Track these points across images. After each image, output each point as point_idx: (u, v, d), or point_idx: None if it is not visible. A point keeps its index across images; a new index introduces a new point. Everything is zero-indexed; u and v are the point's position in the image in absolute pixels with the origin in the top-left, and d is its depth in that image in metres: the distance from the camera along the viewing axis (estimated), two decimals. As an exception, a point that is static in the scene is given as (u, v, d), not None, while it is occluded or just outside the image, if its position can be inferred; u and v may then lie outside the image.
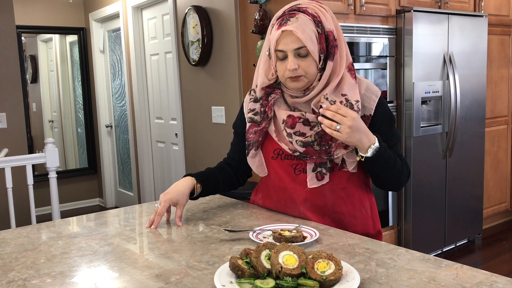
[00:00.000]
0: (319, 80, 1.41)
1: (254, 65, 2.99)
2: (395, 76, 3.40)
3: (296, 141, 1.44)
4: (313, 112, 1.43)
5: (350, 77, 1.42)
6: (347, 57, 1.43)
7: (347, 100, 1.39)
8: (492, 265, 3.51)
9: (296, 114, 1.45)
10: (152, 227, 1.49)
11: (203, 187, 1.60)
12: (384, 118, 1.47)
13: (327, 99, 1.39)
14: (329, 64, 1.40)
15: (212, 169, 1.69)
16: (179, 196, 1.53)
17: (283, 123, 1.46)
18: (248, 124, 1.54)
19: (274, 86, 1.48)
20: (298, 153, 1.46)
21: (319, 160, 1.44)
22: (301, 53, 1.37)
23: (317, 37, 1.37)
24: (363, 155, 1.37)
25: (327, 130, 1.33)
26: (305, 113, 1.44)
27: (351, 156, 1.43)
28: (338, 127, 1.31)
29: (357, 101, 1.41)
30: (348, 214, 1.50)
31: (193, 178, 1.59)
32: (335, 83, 1.40)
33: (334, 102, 1.39)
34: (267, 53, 1.47)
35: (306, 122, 1.44)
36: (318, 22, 1.37)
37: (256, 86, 1.52)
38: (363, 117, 1.44)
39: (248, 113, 1.53)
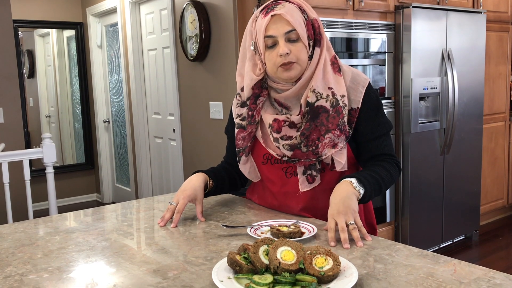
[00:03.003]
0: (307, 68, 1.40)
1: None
2: (393, 72, 3.40)
3: (283, 145, 1.41)
4: (300, 110, 1.40)
5: (333, 72, 1.41)
6: (330, 50, 1.43)
7: (333, 94, 1.38)
8: (489, 261, 3.52)
9: (281, 117, 1.42)
10: (171, 226, 1.44)
11: (215, 183, 1.59)
12: (370, 109, 1.44)
13: (313, 91, 1.37)
14: (317, 51, 1.39)
15: (218, 167, 1.67)
16: (197, 191, 1.51)
17: (269, 127, 1.44)
18: (236, 130, 1.51)
19: (261, 85, 1.43)
20: (286, 158, 1.43)
21: (308, 162, 1.42)
22: (292, 37, 1.35)
23: (305, 23, 1.37)
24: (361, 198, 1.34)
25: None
26: (290, 115, 1.41)
27: (340, 155, 1.41)
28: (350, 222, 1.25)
29: (343, 96, 1.39)
30: None
31: (205, 174, 1.57)
32: (321, 72, 1.38)
33: (321, 95, 1.37)
34: (252, 48, 1.42)
35: (292, 125, 1.41)
36: (303, 11, 1.39)
37: (241, 89, 1.47)
38: (350, 111, 1.42)
39: (236, 118, 1.50)
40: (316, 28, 1.39)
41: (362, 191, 1.32)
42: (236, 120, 1.50)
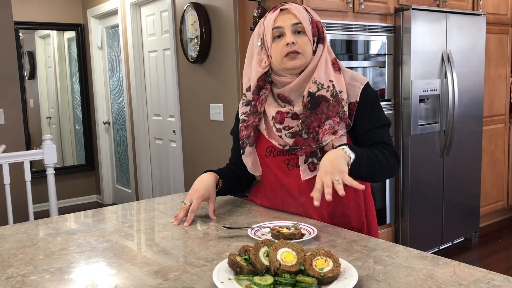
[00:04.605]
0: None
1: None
2: (393, 74, 3.40)
3: (285, 134, 1.46)
4: (302, 101, 1.46)
5: (333, 70, 1.49)
6: (330, 53, 1.52)
7: (333, 86, 1.45)
8: (489, 263, 3.52)
9: (284, 109, 1.48)
10: (185, 224, 1.47)
11: (225, 183, 1.62)
12: (368, 103, 1.49)
13: (315, 82, 1.44)
14: (320, 47, 1.48)
15: (225, 168, 1.71)
16: (210, 191, 1.55)
17: (272, 119, 1.50)
18: (240, 125, 1.57)
19: (265, 79, 1.51)
20: (288, 147, 1.48)
21: (309, 149, 1.46)
22: (298, 29, 1.45)
23: (310, 21, 1.47)
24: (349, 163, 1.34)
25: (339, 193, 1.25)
26: (293, 107, 1.48)
27: (340, 142, 1.44)
28: (334, 183, 1.25)
29: (341, 92, 1.46)
30: (342, 205, 1.51)
31: (215, 173, 1.61)
32: (323, 66, 1.46)
33: (322, 85, 1.44)
34: (259, 43, 1.51)
35: (295, 116, 1.47)
36: (308, 12, 1.49)
37: (246, 90, 1.55)
38: (350, 104, 1.48)
39: (241, 115, 1.57)
40: (320, 28, 1.49)
41: (352, 156, 1.33)
42: (242, 117, 1.57)
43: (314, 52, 1.47)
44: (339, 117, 1.43)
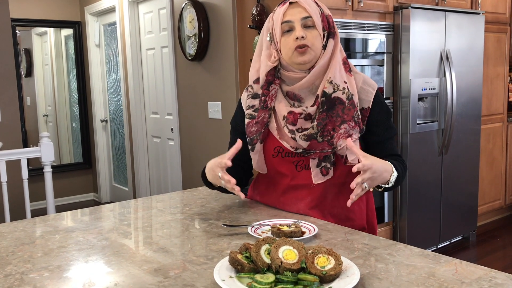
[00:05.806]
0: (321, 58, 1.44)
1: (251, 60, 2.97)
2: (392, 73, 3.40)
3: (299, 136, 1.42)
4: (315, 102, 1.42)
5: (344, 70, 1.46)
6: (341, 51, 1.48)
7: (348, 89, 1.43)
8: (487, 262, 3.53)
9: (297, 110, 1.44)
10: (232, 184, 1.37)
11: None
12: (381, 111, 1.49)
13: (331, 82, 1.41)
14: (331, 42, 1.44)
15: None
16: (220, 157, 1.43)
17: (283, 119, 1.45)
18: (247, 121, 1.52)
19: (274, 74, 1.46)
20: (301, 150, 1.44)
21: (323, 154, 1.43)
22: (308, 23, 1.41)
23: (320, 15, 1.43)
24: (383, 186, 1.38)
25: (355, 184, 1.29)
26: (306, 107, 1.43)
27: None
28: (365, 185, 1.30)
29: (353, 95, 1.44)
30: (346, 208, 1.50)
31: None
32: (337, 64, 1.43)
33: (338, 86, 1.41)
34: (268, 38, 1.48)
35: (308, 117, 1.43)
36: (318, 5, 1.46)
37: (253, 82, 1.51)
38: (362, 110, 1.45)
39: (248, 109, 1.52)
40: (331, 22, 1.45)
41: (392, 179, 1.37)
42: (248, 111, 1.51)
43: (325, 47, 1.43)
44: (354, 121, 1.41)
